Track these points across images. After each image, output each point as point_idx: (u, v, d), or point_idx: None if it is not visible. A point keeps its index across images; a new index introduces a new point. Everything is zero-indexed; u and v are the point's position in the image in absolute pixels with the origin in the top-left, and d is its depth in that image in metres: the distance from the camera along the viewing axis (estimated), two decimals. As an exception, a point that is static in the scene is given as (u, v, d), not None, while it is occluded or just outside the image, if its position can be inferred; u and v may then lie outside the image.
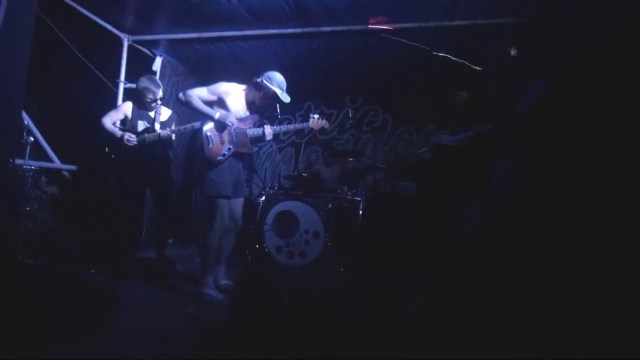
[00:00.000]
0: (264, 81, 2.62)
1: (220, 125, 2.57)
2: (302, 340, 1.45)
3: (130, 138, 2.97)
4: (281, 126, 2.85)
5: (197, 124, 2.76)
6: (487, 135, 1.97)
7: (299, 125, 3.00)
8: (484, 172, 2.10)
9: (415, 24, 3.28)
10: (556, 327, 1.83)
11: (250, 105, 2.73)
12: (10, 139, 2.36)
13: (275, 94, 2.61)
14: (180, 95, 2.62)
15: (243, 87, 2.73)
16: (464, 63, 3.25)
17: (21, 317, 1.56)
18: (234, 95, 2.64)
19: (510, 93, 2.13)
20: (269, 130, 2.70)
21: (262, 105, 2.73)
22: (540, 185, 2.22)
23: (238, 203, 2.75)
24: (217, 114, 2.55)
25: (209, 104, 2.60)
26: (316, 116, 2.90)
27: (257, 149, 3.04)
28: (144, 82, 3.09)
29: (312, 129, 2.91)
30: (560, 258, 2.08)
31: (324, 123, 2.92)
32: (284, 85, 2.68)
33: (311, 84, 4.84)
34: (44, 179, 3.82)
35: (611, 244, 1.97)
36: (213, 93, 2.58)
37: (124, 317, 1.94)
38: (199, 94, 2.56)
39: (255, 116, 2.76)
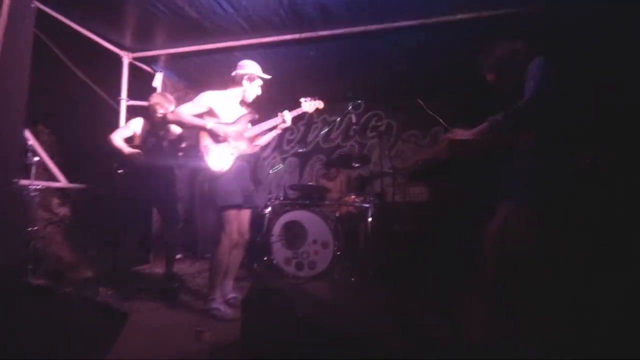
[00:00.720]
0: (238, 72, 2.67)
1: (214, 134, 2.52)
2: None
3: (139, 156, 2.96)
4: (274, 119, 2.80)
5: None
6: (503, 124, 1.84)
7: (294, 112, 2.92)
8: (505, 168, 1.99)
9: (415, 22, 3.24)
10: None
11: (241, 104, 2.73)
12: (12, 158, 2.35)
13: (253, 76, 2.65)
14: (169, 115, 2.61)
15: (227, 91, 2.71)
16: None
17: (29, 341, 1.51)
18: (221, 101, 2.60)
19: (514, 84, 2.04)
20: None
21: (250, 97, 2.73)
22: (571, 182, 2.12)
23: (245, 215, 2.68)
24: (209, 123, 2.51)
25: (199, 116, 2.55)
26: (308, 99, 2.90)
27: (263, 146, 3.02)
28: (155, 97, 3.11)
29: (306, 112, 2.91)
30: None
31: (317, 103, 2.91)
32: (258, 67, 2.74)
33: (312, 91, 4.78)
34: (55, 200, 3.82)
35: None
36: (199, 104, 2.53)
37: (133, 334, 1.87)
38: (187, 110, 2.52)
39: (248, 115, 2.72)
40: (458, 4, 3.02)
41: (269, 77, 2.71)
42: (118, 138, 3.01)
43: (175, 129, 3.20)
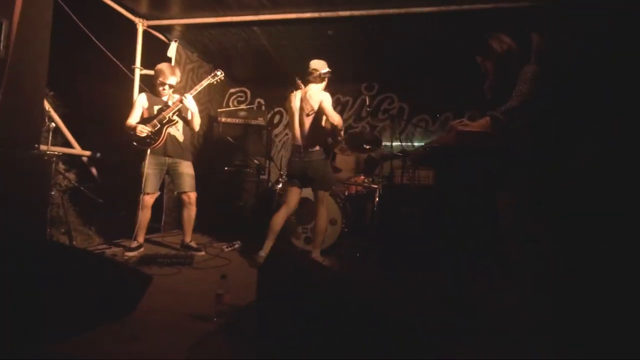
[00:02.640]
0: (323, 72, 3.08)
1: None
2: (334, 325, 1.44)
3: (143, 129, 3.02)
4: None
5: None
6: (502, 121, 1.94)
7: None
8: (508, 162, 2.06)
9: (434, 8, 3.22)
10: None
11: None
12: (34, 125, 2.40)
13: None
14: (335, 120, 3.01)
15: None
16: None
17: (59, 296, 1.59)
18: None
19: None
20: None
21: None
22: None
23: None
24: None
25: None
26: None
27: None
28: (161, 65, 3.18)
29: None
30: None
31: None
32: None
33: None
34: (61, 165, 3.88)
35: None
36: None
37: (155, 295, 1.96)
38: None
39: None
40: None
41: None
42: (132, 121, 3.08)
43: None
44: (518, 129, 1.97)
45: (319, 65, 3.08)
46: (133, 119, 3.10)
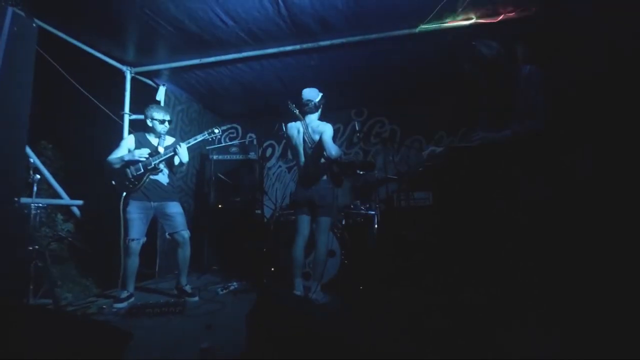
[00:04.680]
0: (317, 101, 3.12)
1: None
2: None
3: (142, 153, 3.00)
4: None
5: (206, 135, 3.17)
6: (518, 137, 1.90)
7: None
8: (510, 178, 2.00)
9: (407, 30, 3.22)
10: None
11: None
12: (14, 177, 2.34)
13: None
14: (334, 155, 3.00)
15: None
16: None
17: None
18: None
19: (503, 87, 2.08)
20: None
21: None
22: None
23: None
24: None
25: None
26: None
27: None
28: (151, 108, 3.20)
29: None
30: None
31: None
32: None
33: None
34: (60, 217, 3.81)
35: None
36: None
37: (138, 352, 1.83)
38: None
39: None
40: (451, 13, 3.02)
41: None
42: (114, 158, 3.05)
43: (169, 140, 3.23)
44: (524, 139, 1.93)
45: (312, 95, 3.09)
46: (115, 156, 3.05)
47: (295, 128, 3.14)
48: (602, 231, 2.07)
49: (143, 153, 3.01)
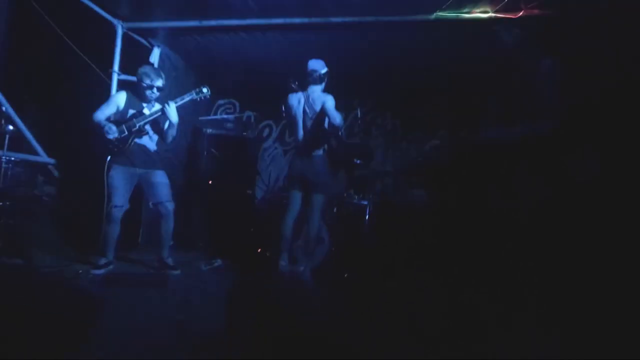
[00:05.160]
0: (322, 72, 3.04)
1: None
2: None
3: (109, 132, 2.77)
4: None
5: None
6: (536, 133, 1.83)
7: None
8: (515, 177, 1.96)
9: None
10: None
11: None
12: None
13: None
14: None
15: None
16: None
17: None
18: None
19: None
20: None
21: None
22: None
23: None
24: None
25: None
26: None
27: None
28: (145, 67, 3.01)
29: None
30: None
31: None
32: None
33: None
34: (40, 178, 3.62)
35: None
36: None
37: (114, 320, 1.78)
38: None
39: None
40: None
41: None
42: (100, 115, 2.84)
43: (157, 107, 3.02)
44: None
45: (318, 66, 3.02)
46: (102, 113, 2.85)
47: (296, 98, 3.06)
48: (601, 231, 2.03)
49: (111, 130, 2.79)
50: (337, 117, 2.86)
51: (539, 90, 2.01)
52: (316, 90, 3.02)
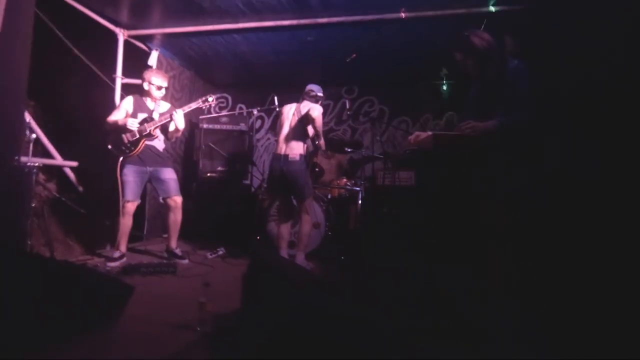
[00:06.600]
0: (319, 94, 3.43)
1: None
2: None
3: (133, 124, 3.04)
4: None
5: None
6: (503, 128, 2.01)
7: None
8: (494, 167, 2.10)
9: (412, 13, 3.29)
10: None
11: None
12: (14, 136, 2.39)
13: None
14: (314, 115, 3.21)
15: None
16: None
17: (36, 311, 1.60)
18: None
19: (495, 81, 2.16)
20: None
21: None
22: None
23: None
24: None
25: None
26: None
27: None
28: (151, 71, 3.24)
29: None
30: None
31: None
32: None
33: (307, 75, 4.85)
34: (41, 176, 3.81)
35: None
36: None
37: (138, 306, 1.99)
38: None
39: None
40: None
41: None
42: (114, 119, 3.09)
43: (164, 106, 3.27)
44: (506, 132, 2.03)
45: (316, 88, 3.41)
46: (114, 118, 3.10)
47: (289, 107, 3.41)
48: (578, 220, 2.20)
49: (134, 124, 3.06)
50: (314, 112, 3.19)
51: (514, 83, 2.12)
52: (308, 105, 3.32)
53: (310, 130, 3.31)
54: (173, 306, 2.21)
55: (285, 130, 3.33)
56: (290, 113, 3.37)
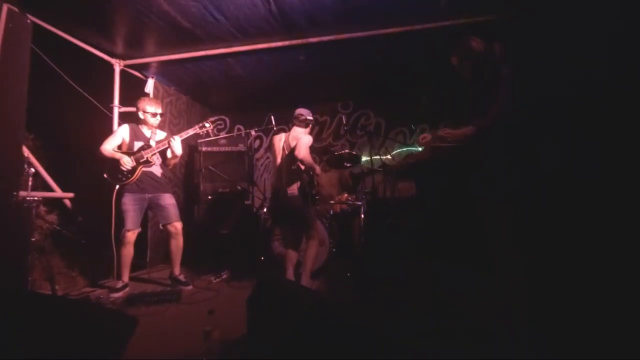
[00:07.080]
0: (309, 118, 3.33)
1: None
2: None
3: (126, 163, 3.02)
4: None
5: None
6: (482, 130, 2.02)
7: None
8: (488, 171, 2.11)
9: (399, 29, 3.35)
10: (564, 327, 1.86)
11: None
12: (13, 172, 2.39)
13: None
14: (301, 154, 3.10)
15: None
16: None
17: (34, 347, 1.57)
18: None
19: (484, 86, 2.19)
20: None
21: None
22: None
23: None
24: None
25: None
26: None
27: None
28: (144, 100, 3.26)
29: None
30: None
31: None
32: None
33: (302, 92, 4.92)
34: (42, 208, 3.81)
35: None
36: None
37: (143, 338, 1.94)
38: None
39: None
40: (437, 13, 3.16)
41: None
42: (108, 147, 3.09)
43: (161, 135, 3.29)
44: (494, 136, 2.05)
45: (304, 112, 3.31)
46: (109, 145, 3.10)
47: (278, 137, 3.35)
48: (578, 220, 2.17)
49: (128, 163, 3.04)
50: (302, 151, 3.07)
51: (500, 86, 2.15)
52: (298, 132, 3.25)
53: (302, 165, 3.24)
54: (178, 336, 2.18)
55: (278, 162, 3.30)
56: (280, 146, 3.31)
